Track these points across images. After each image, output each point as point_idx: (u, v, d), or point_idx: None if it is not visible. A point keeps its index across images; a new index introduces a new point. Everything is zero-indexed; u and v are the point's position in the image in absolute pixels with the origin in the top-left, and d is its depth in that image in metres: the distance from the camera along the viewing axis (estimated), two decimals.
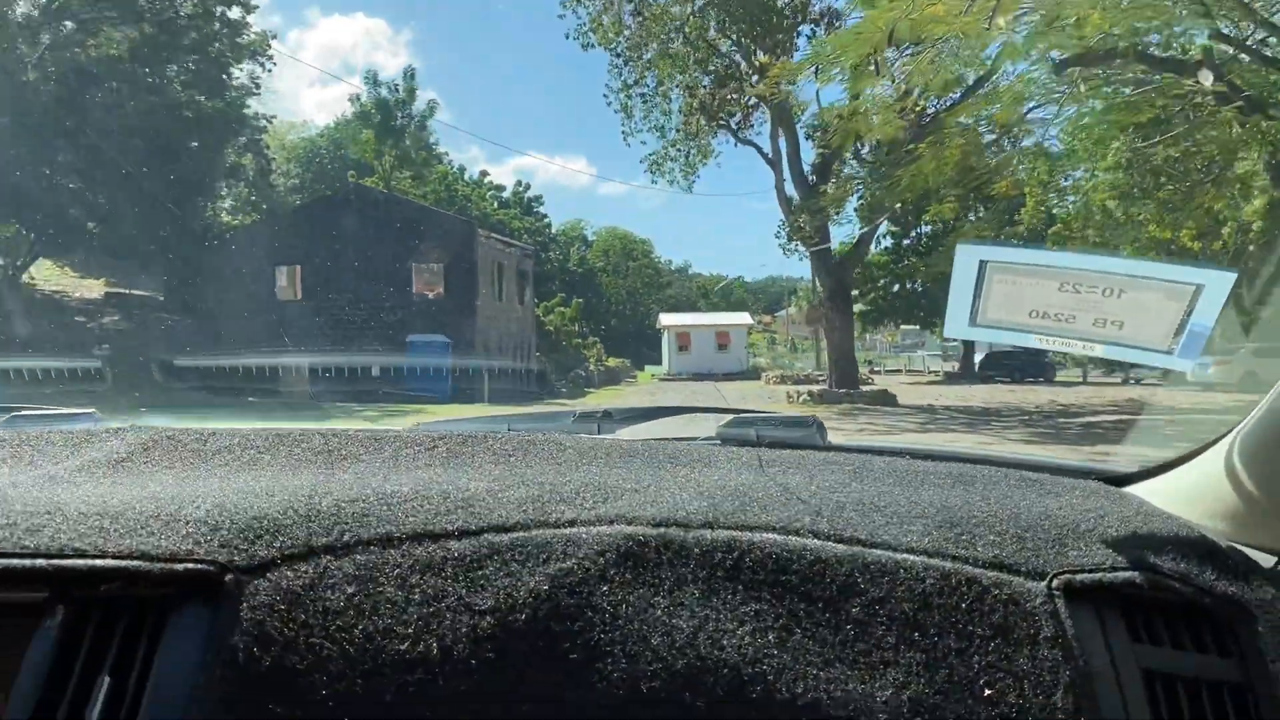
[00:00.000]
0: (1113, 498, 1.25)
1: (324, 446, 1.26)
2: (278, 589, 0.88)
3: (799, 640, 0.92)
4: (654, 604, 0.92)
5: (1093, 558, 1.03)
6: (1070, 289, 1.05)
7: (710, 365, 45.04)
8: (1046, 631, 0.94)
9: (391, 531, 0.96)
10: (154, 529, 0.92)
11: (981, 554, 1.01)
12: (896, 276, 41.82)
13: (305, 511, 0.97)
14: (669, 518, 1.02)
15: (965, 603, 0.95)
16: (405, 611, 0.88)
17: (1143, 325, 1.02)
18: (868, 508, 1.10)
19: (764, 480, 1.20)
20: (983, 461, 1.44)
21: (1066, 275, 1.05)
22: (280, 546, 0.92)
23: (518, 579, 0.92)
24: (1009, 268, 1.08)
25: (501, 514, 1.01)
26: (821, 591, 0.95)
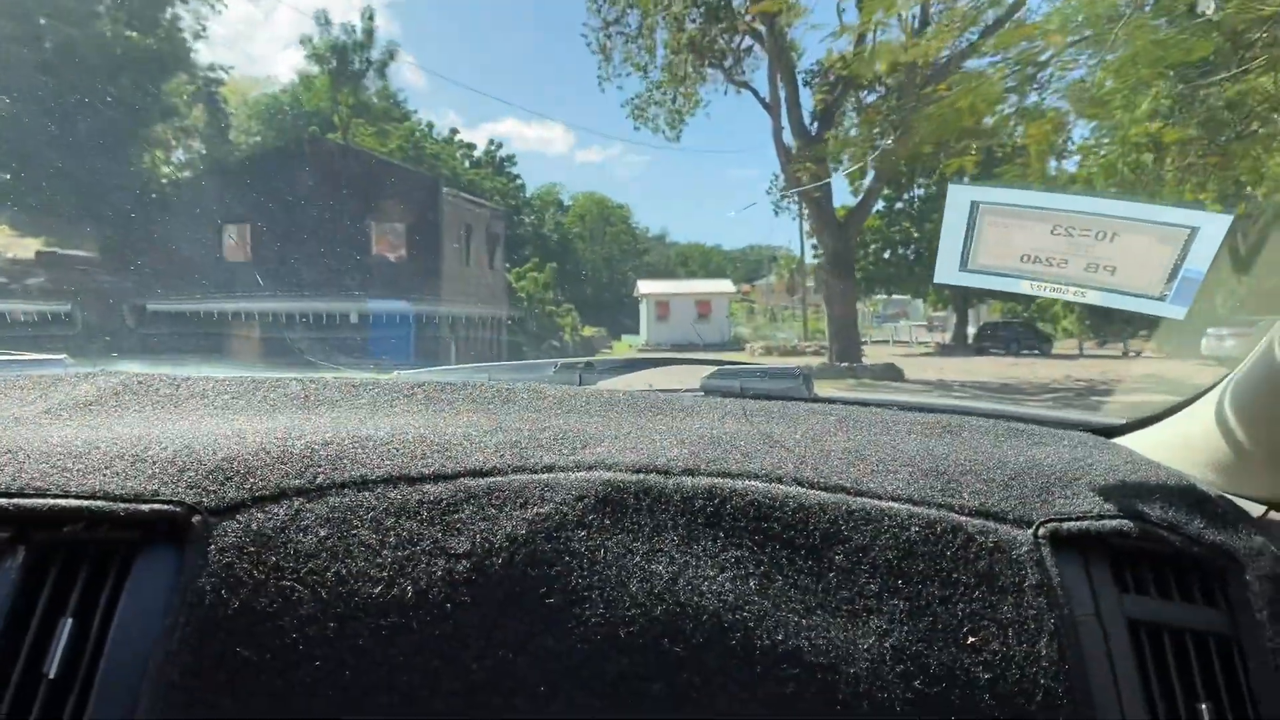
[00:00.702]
0: (1101, 447, 1.25)
1: (300, 392, 1.24)
2: (247, 531, 0.87)
3: (780, 588, 0.91)
4: (632, 550, 0.92)
5: (1080, 506, 1.02)
6: (1063, 232, 1.04)
7: (691, 335, 43.29)
8: (1032, 580, 0.94)
9: (366, 474, 0.95)
10: (119, 469, 0.91)
11: (967, 502, 1.02)
12: (889, 242, 40.07)
13: (278, 454, 0.96)
14: (649, 464, 1.02)
15: (950, 550, 0.95)
16: (379, 555, 0.87)
17: (1135, 270, 1.02)
18: (852, 456, 1.10)
19: (747, 429, 1.19)
20: (970, 413, 1.43)
21: (1059, 217, 1.04)
22: (251, 488, 0.91)
23: (494, 523, 0.91)
24: (1001, 209, 1.06)
25: (479, 459, 1.00)
26: (804, 539, 0.95)
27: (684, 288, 48.13)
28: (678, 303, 45.49)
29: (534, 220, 60.86)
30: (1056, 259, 1.05)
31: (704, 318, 45.18)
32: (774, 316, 55.97)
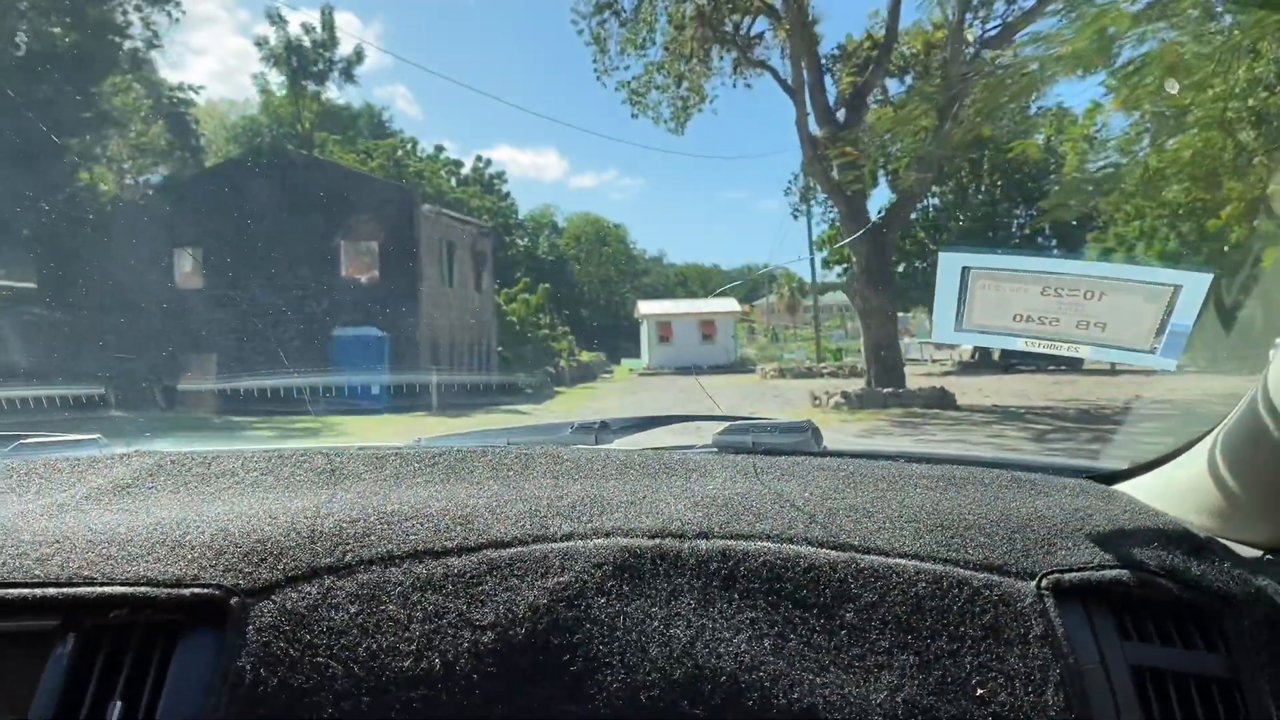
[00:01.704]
0: (1101, 496, 1.27)
1: (326, 466, 1.27)
2: (282, 610, 0.90)
3: (794, 646, 0.93)
4: (651, 615, 0.94)
5: (1081, 556, 1.04)
6: (1052, 292, 1.08)
7: (695, 357, 40.64)
8: (1036, 630, 0.96)
9: (393, 550, 0.97)
10: (160, 555, 0.95)
11: (972, 556, 1.03)
12: (902, 254, 37.51)
13: (308, 533, 0.99)
14: (664, 529, 1.04)
15: (957, 605, 0.97)
16: (408, 629, 0.90)
17: (1124, 326, 1.06)
18: (860, 513, 1.12)
19: (759, 488, 1.21)
20: (974, 463, 1.47)
21: (1048, 279, 1.08)
22: (284, 568, 0.94)
23: (517, 593, 0.94)
24: (991, 274, 1.10)
25: (500, 530, 1.02)
26: (816, 598, 0.97)
27: (687, 308, 45.42)
28: (681, 324, 42.86)
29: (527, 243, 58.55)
30: (1048, 318, 1.09)
31: (708, 339, 42.72)
32: (775, 336, 54.04)
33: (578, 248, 64.69)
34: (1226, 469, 1.11)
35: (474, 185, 47.78)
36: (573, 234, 65.63)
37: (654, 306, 45.63)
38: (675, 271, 73.94)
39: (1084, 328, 1.08)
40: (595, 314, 60.36)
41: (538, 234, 62.72)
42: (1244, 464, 1.09)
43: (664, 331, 42.92)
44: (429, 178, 41.96)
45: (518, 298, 34.32)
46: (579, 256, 64.07)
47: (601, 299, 63.02)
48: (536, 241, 61.30)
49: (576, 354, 37.70)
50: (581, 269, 63.27)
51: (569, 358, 35.70)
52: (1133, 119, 18.58)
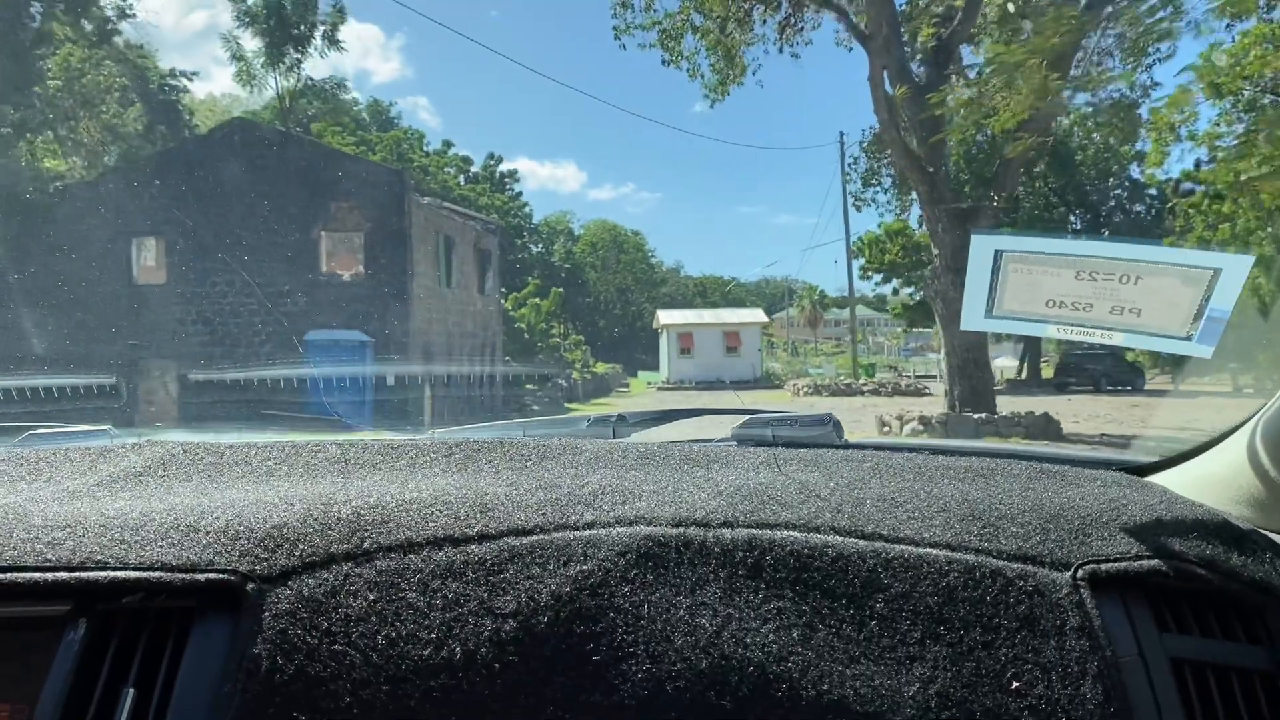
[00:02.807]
0: (1134, 487, 1.24)
1: (340, 456, 1.26)
2: (299, 597, 0.89)
3: (823, 637, 0.92)
4: (675, 604, 0.93)
5: (1117, 547, 1.03)
6: (1087, 277, 1.05)
7: (717, 370, 37.86)
8: (1073, 622, 0.94)
9: (411, 537, 0.97)
10: (174, 540, 0.94)
11: (1005, 546, 1.02)
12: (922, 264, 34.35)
13: (324, 519, 0.98)
14: (688, 518, 1.03)
15: (990, 595, 0.96)
16: (427, 617, 0.89)
17: (1160, 312, 1.03)
18: (888, 503, 1.10)
19: (782, 479, 1.20)
20: (1001, 455, 1.45)
21: (1083, 263, 1.05)
22: (301, 555, 0.93)
23: (539, 581, 0.93)
24: (1024, 257, 1.08)
25: (521, 517, 1.01)
26: (845, 588, 0.96)
27: (710, 317, 42.42)
28: (703, 334, 39.89)
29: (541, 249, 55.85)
30: (1082, 303, 1.07)
31: (733, 351, 39.84)
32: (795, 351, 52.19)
33: (593, 255, 62.47)
34: (1266, 458, 1.09)
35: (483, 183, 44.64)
36: (589, 241, 63.52)
37: (675, 316, 42.63)
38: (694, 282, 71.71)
39: (1118, 313, 1.05)
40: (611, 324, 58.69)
41: (552, 240, 60.62)
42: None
43: (685, 343, 40.06)
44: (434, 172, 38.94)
45: (527, 302, 31.26)
46: (595, 264, 61.87)
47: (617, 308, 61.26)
48: (551, 248, 59.21)
49: (591, 365, 34.85)
50: (598, 277, 61.03)
51: (582, 369, 32.74)
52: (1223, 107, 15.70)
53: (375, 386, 19.72)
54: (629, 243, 64.85)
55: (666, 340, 40.60)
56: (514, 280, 33.83)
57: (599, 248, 62.62)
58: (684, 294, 66.24)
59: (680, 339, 40.06)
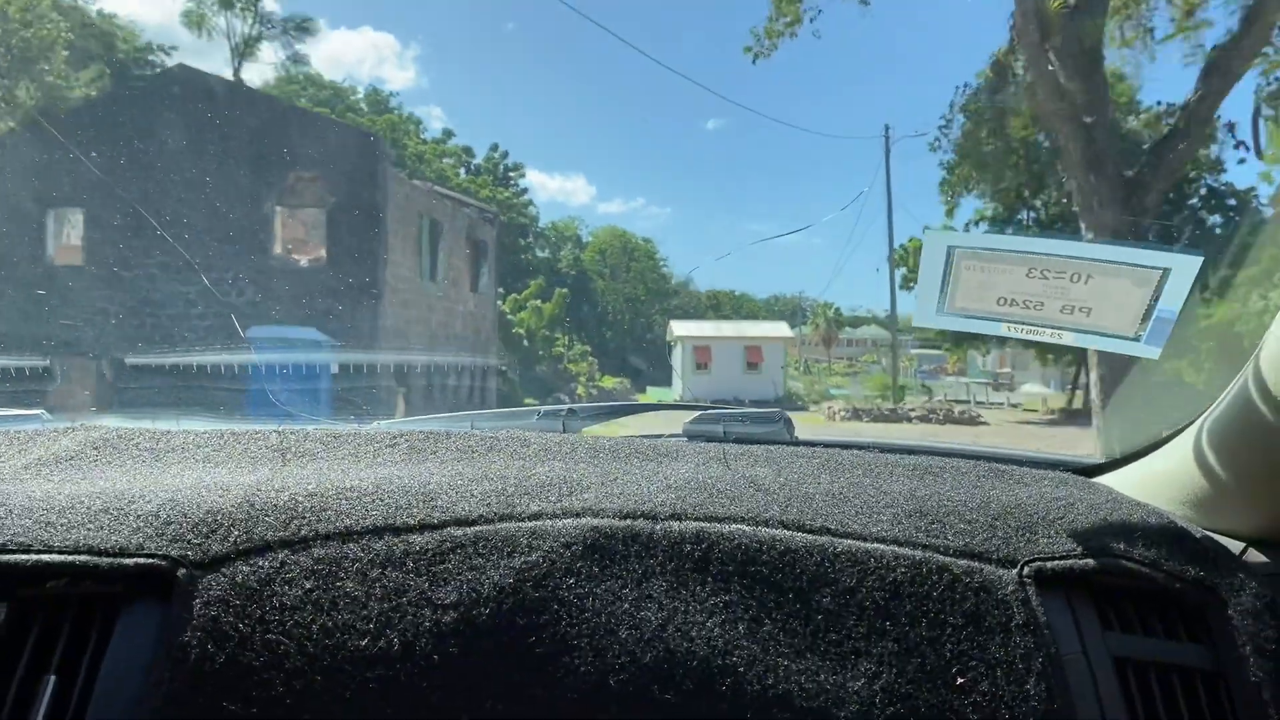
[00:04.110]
0: (1082, 486, 1.27)
1: (280, 444, 1.24)
2: (232, 584, 0.87)
3: (769, 631, 0.92)
4: (621, 597, 0.93)
5: (1063, 545, 1.04)
6: (1038, 275, 1.07)
7: (736, 389, 34.01)
8: (1018, 619, 0.95)
9: (351, 525, 0.95)
10: (103, 523, 0.92)
11: (952, 542, 1.03)
12: None
13: (261, 506, 0.97)
14: (636, 510, 1.02)
15: (936, 591, 0.97)
16: (365, 606, 0.88)
17: (1110, 311, 1.04)
18: (837, 498, 1.12)
19: (731, 473, 1.20)
20: (951, 454, 1.46)
21: (1034, 260, 1.07)
22: (235, 541, 0.91)
23: (481, 573, 0.92)
24: (976, 254, 1.09)
25: (464, 507, 1.00)
26: (792, 582, 0.96)
27: (729, 330, 38.82)
28: (722, 348, 36.20)
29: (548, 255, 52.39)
30: (1033, 302, 1.07)
31: (753, 368, 36.04)
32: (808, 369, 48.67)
33: (602, 262, 59.23)
34: (1212, 459, 1.11)
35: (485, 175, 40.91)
36: (597, 248, 60.38)
37: (690, 328, 38.92)
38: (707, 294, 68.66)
39: (1068, 312, 1.06)
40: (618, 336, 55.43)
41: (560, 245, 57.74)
42: (1229, 454, 1.09)
43: (701, 357, 36.24)
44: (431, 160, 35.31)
45: (528, 305, 27.47)
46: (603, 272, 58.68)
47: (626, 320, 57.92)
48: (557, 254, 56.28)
49: (597, 379, 31.15)
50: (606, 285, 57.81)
51: (588, 382, 29.02)
52: None
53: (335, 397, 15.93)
54: (640, 250, 61.74)
55: (681, 354, 36.78)
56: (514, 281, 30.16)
57: (608, 255, 59.47)
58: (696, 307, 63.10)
59: (696, 353, 36.24)
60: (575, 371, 29.20)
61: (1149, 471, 1.28)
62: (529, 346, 26.86)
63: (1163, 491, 1.21)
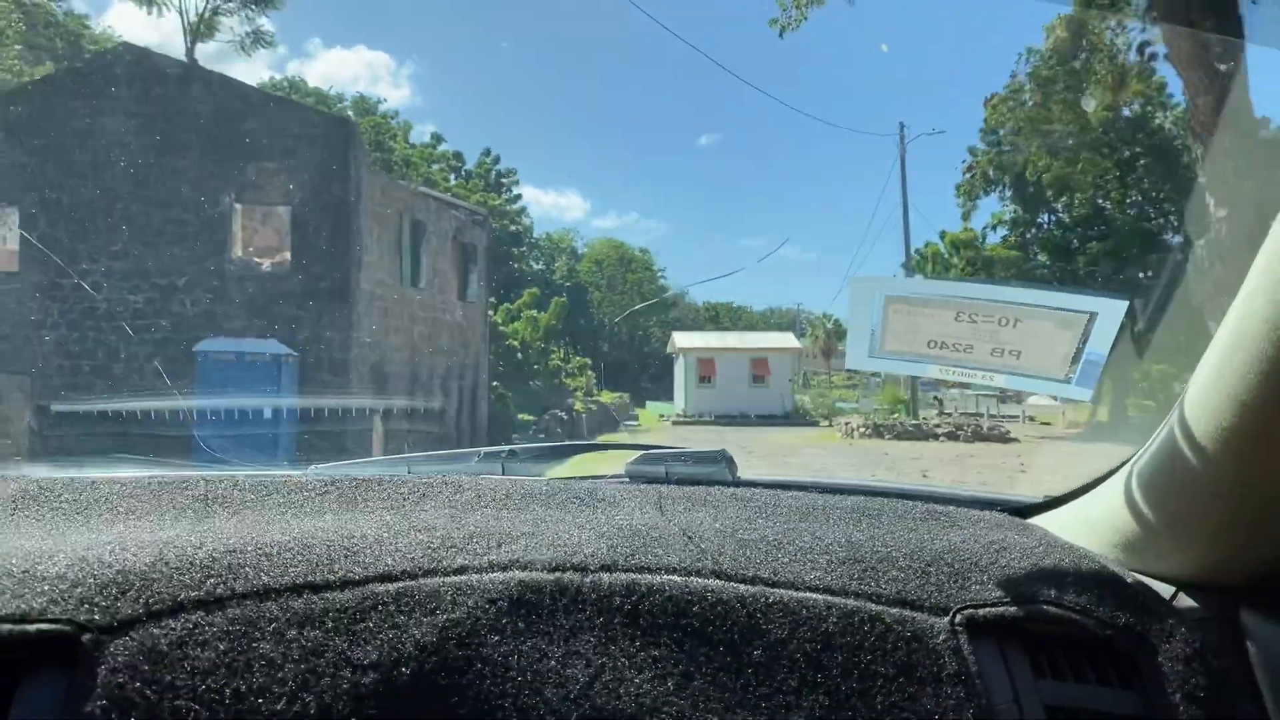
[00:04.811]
0: (1016, 529, 1.26)
1: (208, 494, 1.21)
2: (141, 648, 0.84)
3: (699, 686, 0.91)
4: (548, 654, 0.91)
5: (995, 591, 1.03)
6: (966, 319, 1.06)
7: (742, 403, 32.83)
8: (950, 669, 0.94)
9: (269, 583, 0.92)
10: (7, 586, 0.88)
11: (884, 590, 1.02)
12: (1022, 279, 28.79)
13: (176, 564, 0.93)
14: (566, 561, 1.00)
15: (868, 641, 0.95)
16: (281, 668, 0.85)
17: (1039, 354, 1.04)
18: (772, 545, 1.10)
19: (667, 519, 1.18)
20: (890, 494, 1.45)
21: (962, 305, 1.07)
22: (146, 602, 0.87)
23: (403, 631, 0.90)
24: (905, 300, 1.09)
25: (389, 562, 0.98)
26: (723, 634, 0.94)
27: (735, 341, 36.98)
28: (727, 361, 34.48)
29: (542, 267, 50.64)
30: (962, 345, 1.07)
31: (760, 381, 34.32)
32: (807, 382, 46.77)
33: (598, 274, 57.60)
34: (1142, 502, 1.10)
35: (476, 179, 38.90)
36: (593, 259, 58.79)
37: (694, 339, 37.15)
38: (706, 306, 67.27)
39: (999, 355, 1.06)
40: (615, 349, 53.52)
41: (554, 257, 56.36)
42: (1158, 497, 1.08)
43: (705, 370, 34.59)
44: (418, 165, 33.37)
45: (522, 315, 25.49)
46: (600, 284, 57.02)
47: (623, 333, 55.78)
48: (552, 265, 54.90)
49: (596, 394, 29.21)
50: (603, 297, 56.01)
51: (586, 398, 27.07)
52: None
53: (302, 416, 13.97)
54: (637, 262, 60.06)
55: (684, 367, 35.06)
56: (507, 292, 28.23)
57: (604, 266, 57.83)
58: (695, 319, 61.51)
59: (700, 365, 34.55)
60: (573, 386, 27.25)
61: (1083, 513, 1.27)
62: (523, 359, 24.91)
63: (1096, 533, 1.20)
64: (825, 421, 30.90)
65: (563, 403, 25.28)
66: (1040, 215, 30.16)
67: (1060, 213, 29.61)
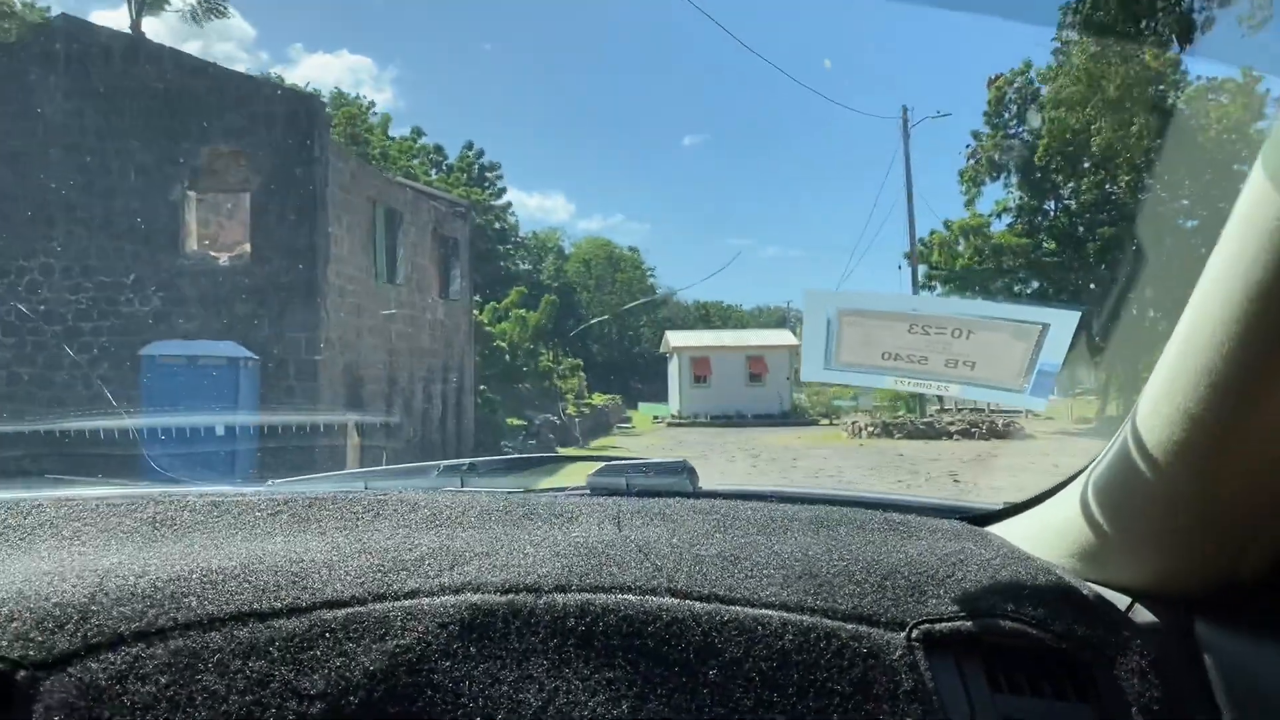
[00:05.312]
0: (974, 539, 1.25)
1: (156, 516, 1.17)
2: (80, 684, 0.81)
3: (654, 708, 0.90)
4: (500, 678, 0.89)
5: (952, 605, 1.02)
6: (920, 330, 1.07)
7: (738, 403, 31.94)
8: (906, 685, 0.93)
9: (213, 612, 0.90)
10: None
11: (841, 605, 1.01)
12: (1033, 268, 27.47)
13: (117, 594, 0.90)
14: (519, 583, 0.99)
15: (825, 659, 0.94)
16: (225, 701, 0.83)
17: (993, 365, 1.05)
18: (728, 560, 1.09)
19: (624, 535, 1.17)
20: (849, 503, 1.44)
21: (915, 318, 1.07)
22: (84, 636, 0.85)
23: (352, 658, 0.88)
24: (858, 313, 1.10)
25: (337, 587, 0.96)
26: (679, 654, 0.93)
27: (730, 339, 35.75)
28: (722, 359, 33.36)
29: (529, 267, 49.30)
30: (916, 356, 1.08)
31: (757, 380, 33.27)
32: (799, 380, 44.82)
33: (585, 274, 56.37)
34: (1097, 512, 1.09)
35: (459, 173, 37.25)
36: (581, 258, 57.51)
37: (688, 338, 35.99)
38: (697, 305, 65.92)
39: (953, 366, 1.07)
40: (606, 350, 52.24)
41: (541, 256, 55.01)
42: (1113, 508, 1.07)
43: (700, 369, 33.52)
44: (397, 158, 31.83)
45: (510, 314, 24.03)
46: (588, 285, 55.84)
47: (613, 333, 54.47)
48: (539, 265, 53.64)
49: (587, 396, 27.85)
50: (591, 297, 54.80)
51: (577, 400, 25.70)
52: None
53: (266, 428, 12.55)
54: (626, 261, 58.87)
55: (678, 366, 33.86)
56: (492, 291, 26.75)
57: (592, 265, 56.65)
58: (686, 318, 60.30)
59: (694, 365, 33.48)
60: (564, 388, 25.85)
61: (1040, 522, 1.26)
62: (512, 361, 23.49)
63: (1054, 543, 1.19)
64: (826, 420, 29.79)
65: (554, 405, 23.93)
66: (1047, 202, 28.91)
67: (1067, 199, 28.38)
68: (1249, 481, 0.91)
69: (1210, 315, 0.83)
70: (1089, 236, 26.69)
